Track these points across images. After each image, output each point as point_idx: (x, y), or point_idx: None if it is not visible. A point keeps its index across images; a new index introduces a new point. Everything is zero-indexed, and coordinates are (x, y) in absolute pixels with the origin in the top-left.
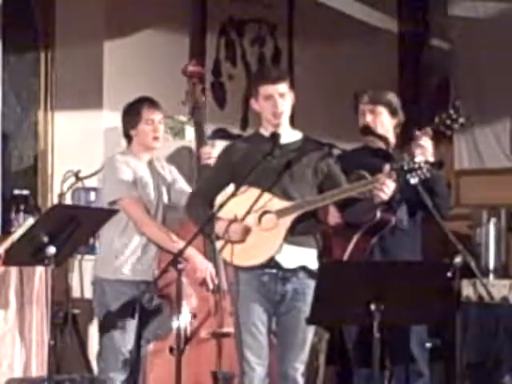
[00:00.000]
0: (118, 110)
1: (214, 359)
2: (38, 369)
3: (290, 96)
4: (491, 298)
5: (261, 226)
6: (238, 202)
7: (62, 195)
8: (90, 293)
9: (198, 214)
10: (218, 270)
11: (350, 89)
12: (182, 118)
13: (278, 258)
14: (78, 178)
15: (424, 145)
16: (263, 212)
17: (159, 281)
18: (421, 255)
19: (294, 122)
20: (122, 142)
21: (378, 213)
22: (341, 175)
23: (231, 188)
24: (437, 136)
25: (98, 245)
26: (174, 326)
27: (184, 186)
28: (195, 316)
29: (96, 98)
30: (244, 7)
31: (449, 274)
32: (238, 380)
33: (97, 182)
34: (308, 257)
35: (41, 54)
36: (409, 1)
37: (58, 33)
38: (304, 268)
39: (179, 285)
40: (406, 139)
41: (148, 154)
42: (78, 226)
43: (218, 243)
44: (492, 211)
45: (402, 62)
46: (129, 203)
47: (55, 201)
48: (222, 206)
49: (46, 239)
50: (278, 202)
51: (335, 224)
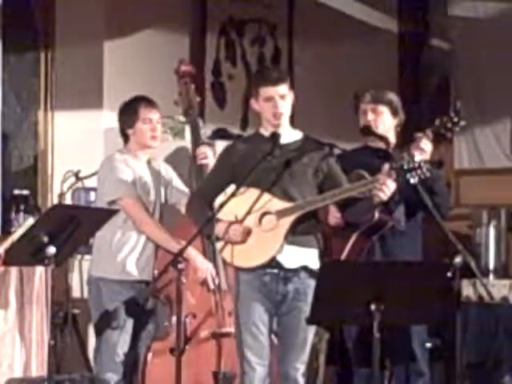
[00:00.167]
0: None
1: (214, 359)
2: (38, 369)
3: (290, 97)
4: (491, 297)
5: (261, 227)
6: (238, 202)
7: (62, 195)
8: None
9: (198, 214)
10: (217, 269)
11: (350, 89)
12: (182, 118)
13: (280, 258)
14: (78, 178)
15: (424, 148)
16: (263, 213)
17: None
18: (421, 255)
19: (294, 122)
20: (121, 142)
21: (377, 213)
22: (341, 175)
23: (232, 188)
24: (437, 138)
25: (93, 243)
26: (174, 327)
27: (180, 185)
28: (195, 316)
29: (96, 98)
30: (244, 7)
31: (449, 274)
32: (239, 380)
33: (96, 181)
34: (309, 257)
35: (41, 54)
36: (409, 1)
37: (57, 33)
38: (305, 268)
39: (179, 285)
40: (406, 139)
41: (145, 154)
42: (78, 225)
43: (219, 244)
44: (492, 211)
45: (402, 61)
46: (128, 203)
47: (55, 201)
48: (221, 207)
49: (45, 239)
50: (278, 203)
51: (335, 224)
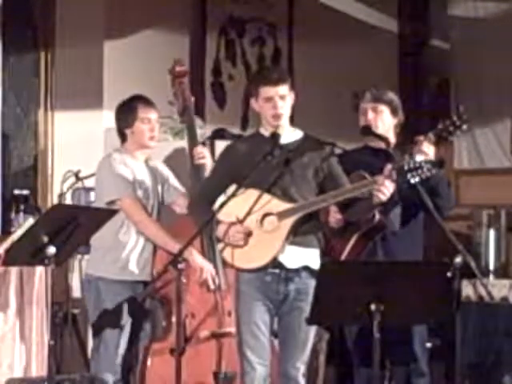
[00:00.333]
0: None
1: (214, 359)
2: (38, 369)
3: (290, 97)
4: (491, 297)
5: (262, 229)
6: (239, 203)
7: (62, 195)
8: None
9: (200, 215)
10: (217, 269)
11: (350, 89)
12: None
13: (281, 258)
14: (78, 178)
15: (426, 151)
16: (265, 214)
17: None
18: (422, 255)
19: (294, 122)
20: None
21: (377, 215)
22: (342, 175)
23: (232, 188)
24: (439, 141)
25: (91, 243)
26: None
27: (176, 184)
28: (194, 316)
29: (96, 98)
30: (244, 7)
31: (449, 274)
32: (239, 380)
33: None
34: (311, 257)
35: (41, 54)
36: (409, 1)
37: (57, 33)
38: (307, 268)
39: (179, 285)
40: (406, 139)
41: (143, 153)
42: (77, 226)
43: (220, 245)
44: (492, 211)
45: (402, 61)
46: (128, 203)
47: (55, 201)
48: (222, 207)
49: (45, 239)
50: (279, 204)
51: (336, 224)
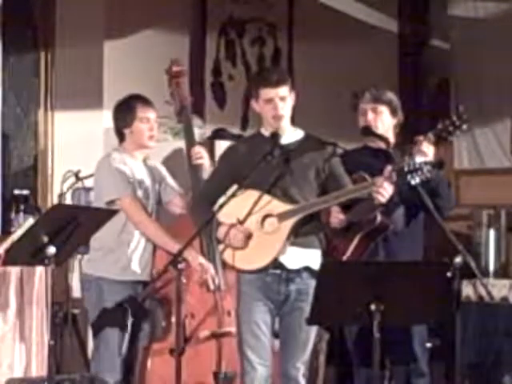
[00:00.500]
0: None
1: (214, 359)
2: (38, 369)
3: (290, 98)
4: (491, 297)
5: (263, 230)
6: (239, 203)
7: (62, 195)
8: None
9: (201, 215)
10: (216, 269)
11: (350, 89)
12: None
13: (282, 259)
14: (78, 178)
15: (426, 151)
16: (265, 215)
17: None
18: (422, 255)
19: (294, 122)
20: None
21: (379, 217)
22: (344, 175)
23: (233, 189)
24: (439, 141)
25: (91, 243)
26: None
27: (173, 184)
28: (194, 316)
29: (96, 98)
30: (244, 7)
31: (449, 274)
32: (240, 380)
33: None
34: (312, 257)
35: (41, 54)
36: (409, 1)
37: (57, 33)
38: (307, 268)
39: (179, 285)
40: (406, 139)
41: (141, 153)
42: (77, 226)
43: (220, 246)
44: (492, 211)
45: (402, 61)
46: (127, 203)
47: (55, 201)
48: (221, 207)
49: (45, 239)
50: (279, 205)
51: (338, 225)
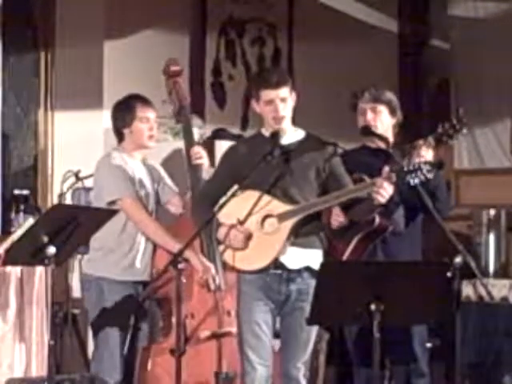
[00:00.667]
0: None
1: (214, 359)
2: (38, 369)
3: (291, 98)
4: (491, 297)
5: (263, 230)
6: (239, 204)
7: (62, 195)
8: None
9: (201, 216)
10: (217, 269)
11: (350, 89)
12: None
13: (283, 259)
14: (78, 178)
15: (424, 156)
16: (265, 216)
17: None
18: (421, 257)
19: (294, 122)
20: None
21: (377, 218)
22: (345, 175)
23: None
24: (438, 145)
25: (91, 243)
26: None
27: (171, 184)
28: (193, 316)
29: (96, 98)
30: (244, 7)
31: (449, 274)
32: (240, 380)
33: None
34: (312, 257)
35: (41, 54)
36: (409, 1)
37: (57, 33)
38: (308, 268)
39: (179, 285)
40: (405, 139)
41: (140, 153)
42: (77, 226)
43: (221, 247)
44: (492, 211)
45: (402, 61)
46: (129, 203)
47: (55, 201)
48: (221, 207)
49: (46, 239)
50: (279, 205)
51: (338, 225)
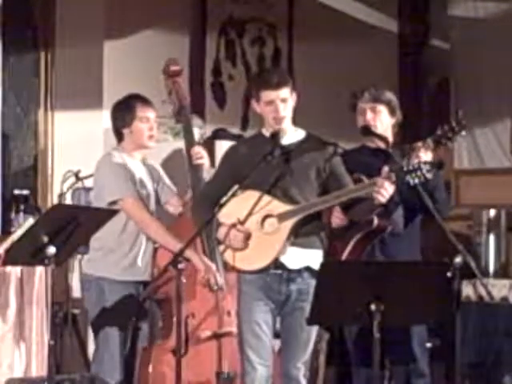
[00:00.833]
0: None
1: (215, 359)
2: (38, 369)
3: (291, 99)
4: (491, 297)
5: (263, 230)
6: (240, 204)
7: (62, 195)
8: None
9: (202, 216)
10: (218, 269)
11: (350, 89)
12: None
13: (283, 259)
14: (78, 178)
15: (423, 157)
16: (265, 216)
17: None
18: (420, 257)
19: (294, 122)
20: None
21: (376, 220)
22: (345, 175)
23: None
24: (437, 146)
25: (91, 243)
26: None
27: (170, 184)
28: (194, 316)
29: (96, 98)
30: (244, 7)
31: (449, 274)
32: (240, 380)
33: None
34: (313, 257)
35: (41, 54)
36: (409, 1)
37: (57, 33)
38: (309, 269)
39: (179, 285)
40: (405, 139)
41: (140, 153)
42: (78, 225)
43: (221, 247)
44: (492, 211)
45: (402, 61)
46: (130, 203)
47: (55, 201)
48: (221, 207)
49: (46, 239)
50: (279, 205)
51: (338, 225)
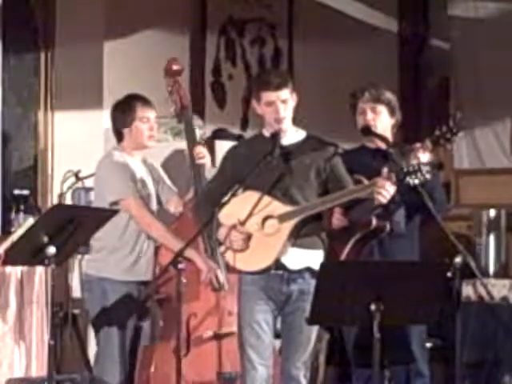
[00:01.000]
0: None
1: (216, 359)
2: (38, 369)
3: (292, 99)
4: (491, 297)
5: (263, 231)
6: (240, 204)
7: (62, 195)
8: None
9: (203, 217)
10: (220, 269)
11: (350, 89)
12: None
13: (284, 259)
14: (78, 178)
15: (421, 158)
16: (266, 217)
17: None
18: (419, 258)
19: (294, 122)
20: None
21: (374, 221)
22: (346, 176)
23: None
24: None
25: (92, 243)
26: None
27: (170, 184)
28: (196, 316)
29: (96, 98)
30: (244, 7)
31: (449, 274)
32: (240, 380)
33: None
34: (313, 258)
35: (41, 54)
36: (409, 1)
37: (57, 33)
38: (309, 269)
39: (179, 285)
40: (405, 139)
41: (140, 153)
42: (78, 226)
43: (222, 248)
44: (492, 211)
45: (402, 61)
46: (131, 203)
47: (55, 201)
48: (221, 207)
49: (46, 239)
50: (280, 206)
51: (339, 226)
